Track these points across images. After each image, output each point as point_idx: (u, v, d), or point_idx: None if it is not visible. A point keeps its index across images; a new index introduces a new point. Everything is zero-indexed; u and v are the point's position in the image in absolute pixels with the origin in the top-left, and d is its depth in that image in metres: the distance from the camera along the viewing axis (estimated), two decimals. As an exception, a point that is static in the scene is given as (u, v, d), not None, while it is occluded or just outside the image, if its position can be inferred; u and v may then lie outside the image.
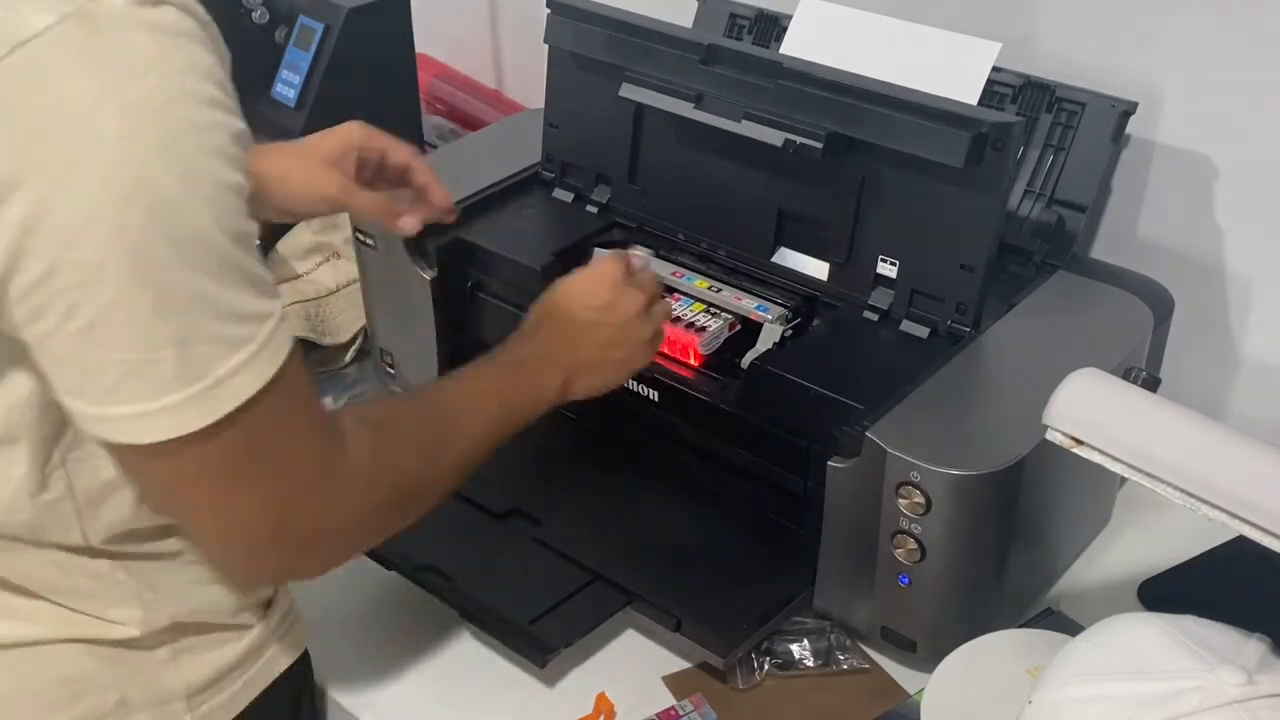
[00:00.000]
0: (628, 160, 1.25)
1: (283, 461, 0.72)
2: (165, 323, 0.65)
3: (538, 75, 1.29)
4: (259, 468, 0.71)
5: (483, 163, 1.34)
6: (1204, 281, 1.22)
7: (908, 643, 1.01)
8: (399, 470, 0.81)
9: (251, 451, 0.70)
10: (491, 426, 0.89)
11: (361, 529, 0.81)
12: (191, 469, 0.70)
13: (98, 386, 0.66)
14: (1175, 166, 1.21)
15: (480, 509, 1.13)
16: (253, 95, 1.47)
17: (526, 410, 0.93)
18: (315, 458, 0.74)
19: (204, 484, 0.71)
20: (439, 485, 0.86)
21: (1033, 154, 1.19)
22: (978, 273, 1.05)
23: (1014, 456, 0.92)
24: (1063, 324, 1.09)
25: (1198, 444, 0.80)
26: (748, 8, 1.35)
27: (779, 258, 1.17)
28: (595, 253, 1.23)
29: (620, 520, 1.13)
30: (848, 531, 0.99)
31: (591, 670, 1.04)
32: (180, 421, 0.67)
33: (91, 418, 0.68)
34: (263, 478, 0.72)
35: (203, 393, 0.67)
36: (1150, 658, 0.78)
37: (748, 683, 1.02)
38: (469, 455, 0.88)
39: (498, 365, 0.94)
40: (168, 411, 0.67)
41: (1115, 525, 1.17)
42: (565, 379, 0.95)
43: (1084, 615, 1.04)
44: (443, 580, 1.05)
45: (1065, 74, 1.19)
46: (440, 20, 1.75)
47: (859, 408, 0.98)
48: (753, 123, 1.10)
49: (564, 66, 1.27)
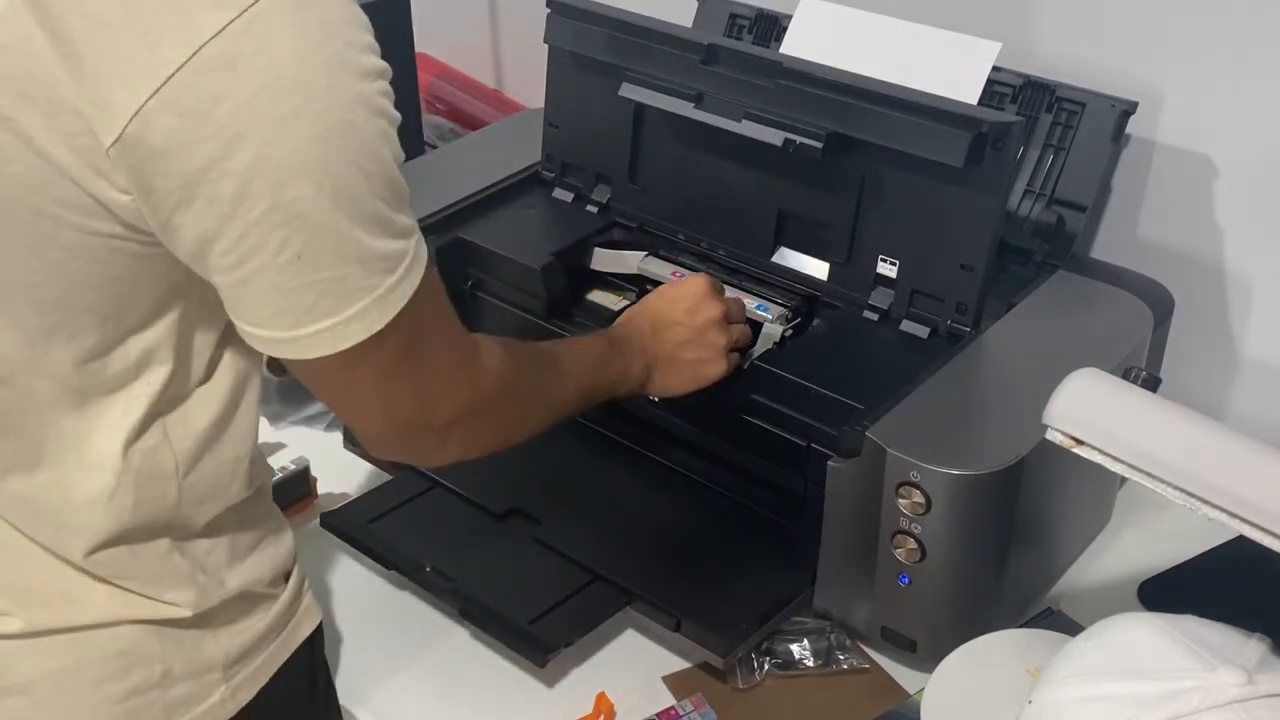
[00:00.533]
0: (628, 160, 1.25)
1: (433, 355, 0.82)
2: (355, 242, 0.73)
3: (538, 75, 1.30)
4: (415, 364, 0.81)
5: (483, 163, 1.35)
6: (1204, 281, 1.22)
7: (908, 643, 1.01)
8: (523, 381, 0.92)
9: (411, 348, 0.80)
10: (588, 388, 1.00)
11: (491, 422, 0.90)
12: (363, 369, 0.79)
13: (297, 308, 0.74)
14: (1175, 166, 1.21)
15: (480, 509, 1.13)
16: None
17: (615, 386, 1.02)
18: (458, 353, 0.85)
19: (370, 380, 0.80)
20: (547, 413, 0.96)
21: (1033, 154, 1.19)
22: (978, 273, 1.05)
23: (1014, 456, 0.92)
24: (1063, 324, 1.09)
25: (1198, 444, 0.80)
26: (748, 8, 1.35)
27: (779, 258, 1.17)
28: (596, 253, 1.23)
29: (620, 520, 1.13)
30: (848, 532, 0.99)
31: (591, 670, 1.04)
32: (366, 325, 0.76)
33: (282, 341, 0.76)
34: (418, 371, 0.82)
35: (382, 297, 0.75)
36: (1150, 658, 0.78)
37: (748, 683, 1.02)
38: (569, 402, 0.98)
39: (597, 337, 1.04)
40: (356, 319, 0.75)
41: (1115, 525, 1.17)
42: (647, 366, 1.04)
43: (1084, 615, 1.04)
44: (443, 580, 1.06)
45: (1065, 74, 1.19)
46: (440, 20, 1.74)
47: (859, 408, 0.98)
48: (753, 122, 1.10)
49: (564, 66, 1.27)
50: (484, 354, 0.88)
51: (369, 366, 0.79)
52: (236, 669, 0.90)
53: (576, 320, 1.20)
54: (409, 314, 0.77)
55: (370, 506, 1.14)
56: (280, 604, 0.93)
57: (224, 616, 0.90)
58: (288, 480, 1.17)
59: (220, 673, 0.89)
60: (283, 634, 0.94)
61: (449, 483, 1.15)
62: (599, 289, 1.23)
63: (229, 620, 0.90)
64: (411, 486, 1.16)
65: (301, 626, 0.95)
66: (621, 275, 1.23)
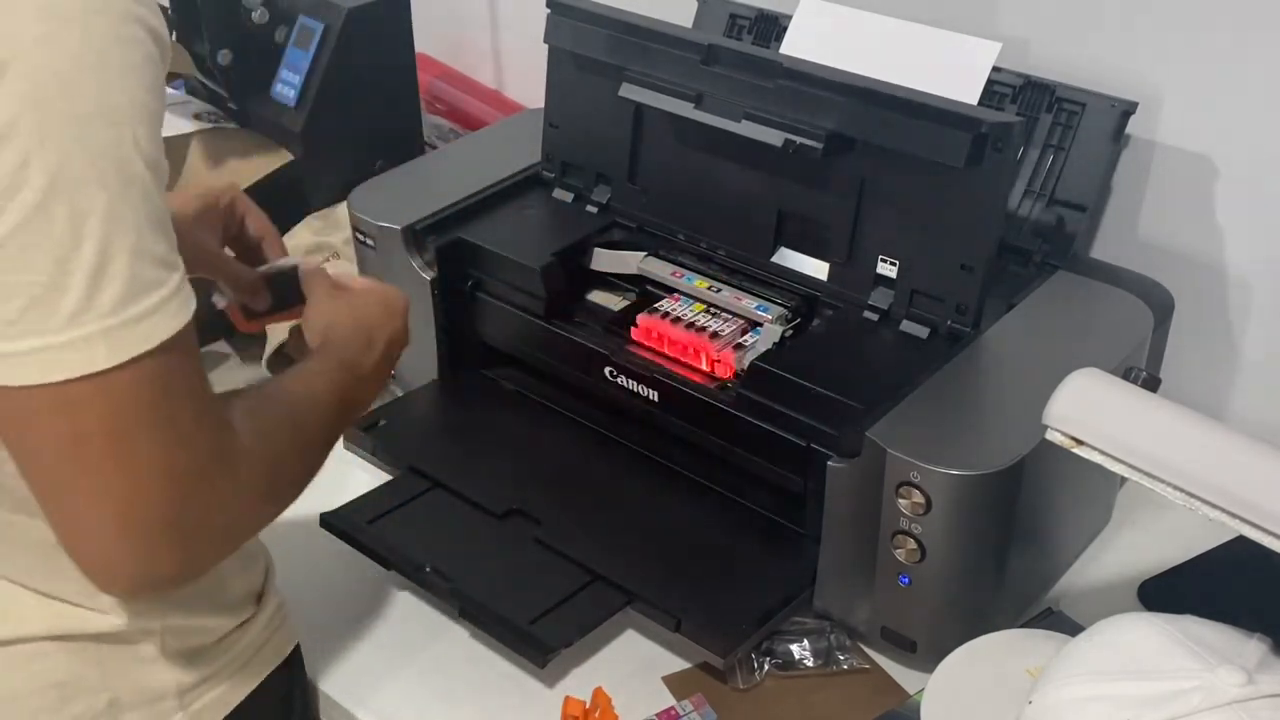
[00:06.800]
0: (628, 160, 1.25)
1: (187, 427, 0.67)
2: (79, 245, 0.62)
3: (538, 75, 1.29)
4: (159, 434, 0.66)
5: (483, 163, 1.34)
6: (1204, 281, 1.22)
7: (908, 643, 1.01)
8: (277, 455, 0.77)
9: (155, 410, 0.65)
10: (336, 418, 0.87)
11: (248, 517, 0.76)
12: (90, 421, 0.64)
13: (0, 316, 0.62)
14: (1175, 166, 1.21)
15: (480, 509, 1.13)
16: (253, 95, 1.47)
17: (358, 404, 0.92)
18: (216, 430, 0.70)
19: (101, 442, 0.64)
20: (306, 474, 0.83)
21: (1033, 154, 1.19)
22: (978, 273, 1.05)
23: (1014, 456, 0.92)
24: (1063, 324, 1.09)
25: (1198, 444, 0.80)
26: (748, 8, 1.35)
27: (779, 258, 1.17)
28: (596, 253, 1.23)
29: (620, 520, 1.13)
30: (848, 532, 0.99)
31: (591, 670, 1.04)
32: (87, 358, 0.62)
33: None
34: (164, 444, 0.66)
35: (115, 329, 0.63)
36: (1150, 658, 0.78)
37: (748, 683, 1.02)
38: (324, 446, 0.85)
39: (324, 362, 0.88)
40: (74, 346, 0.62)
41: (1115, 525, 1.17)
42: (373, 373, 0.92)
43: (1084, 615, 1.04)
44: (443, 580, 1.06)
45: (1065, 74, 1.19)
46: (440, 20, 1.74)
47: (859, 408, 0.98)
48: (753, 123, 1.09)
49: (564, 66, 1.27)
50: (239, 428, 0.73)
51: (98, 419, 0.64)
52: (194, 695, 0.87)
53: (577, 320, 1.20)
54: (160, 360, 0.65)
55: (370, 506, 1.14)
56: (249, 627, 0.89)
57: (175, 641, 0.85)
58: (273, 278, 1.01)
59: (175, 699, 0.86)
60: (252, 658, 0.90)
61: (449, 483, 1.16)
62: (599, 289, 1.23)
63: (181, 647, 0.85)
64: (411, 486, 1.16)
65: (275, 650, 0.92)
66: (621, 275, 1.23)
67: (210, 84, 1.52)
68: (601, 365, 1.14)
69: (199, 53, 1.47)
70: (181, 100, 1.55)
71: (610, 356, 1.14)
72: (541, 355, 1.22)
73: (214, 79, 1.48)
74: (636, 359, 1.13)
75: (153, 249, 0.65)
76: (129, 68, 0.63)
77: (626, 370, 1.13)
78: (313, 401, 0.83)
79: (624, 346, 1.15)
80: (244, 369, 1.40)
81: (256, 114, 1.48)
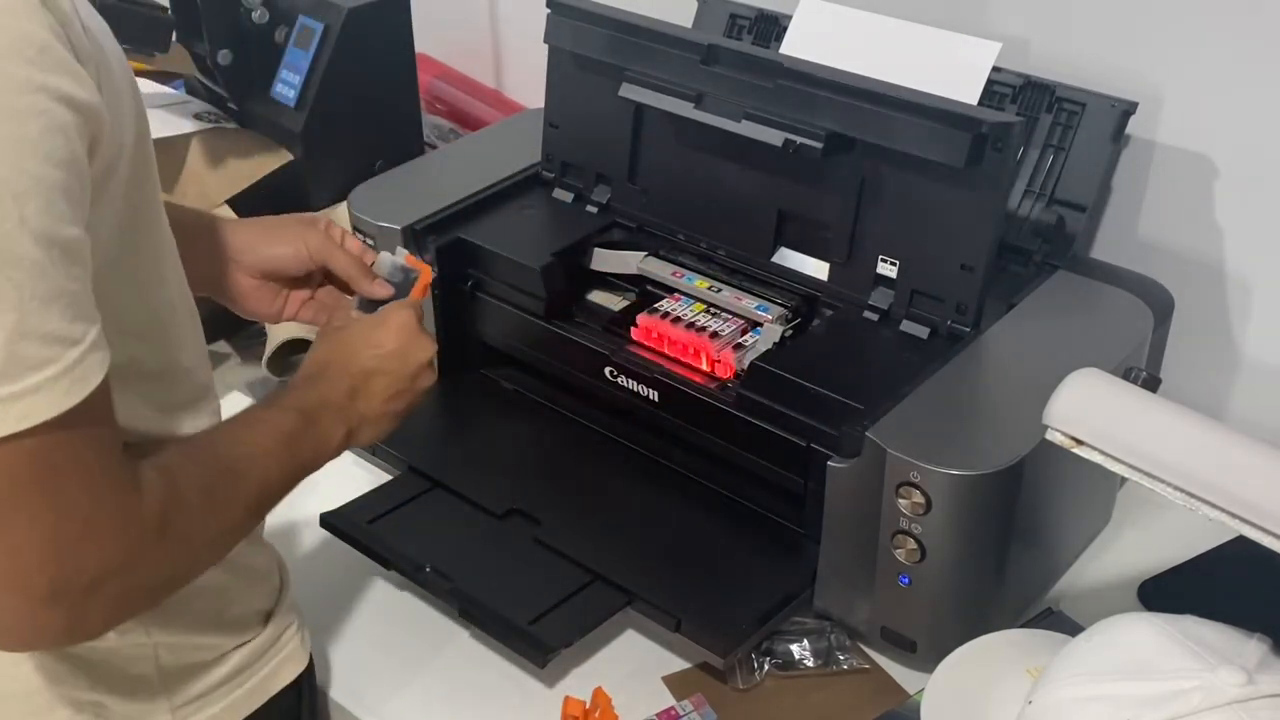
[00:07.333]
0: (628, 160, 1.25)
1: (71, 500, 0.66)
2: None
3: (538, 75, 1.29)
4: (43, 502, 0.65)
5: (483, 163, 1.34)
6: (1204, 281, 1.22)
7: (908, 643, 1.01)
8: (190, 520, 0.75)
9: (36, 484, 0.65)
10: (280, 476, 0.83)
11: (148, 582, 0.74)
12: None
13: None
14: (1175, 166, 1.21)
15: (480, 509, 1.13)
16: (252, 95, 1.47)
17: (313, 461, 0.87)
18: (107, 500, 0.68)
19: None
20: (228, 536, 0.80)
21: (1033, 154, 1.18)
22: (978, 273, 1.05)
23: (1014, 456, 0.92)
24: (1063, 324, 1.09)
25: (1198, 444, 0.80)
26: (748, 8, 1.35)
27: (779, 258, 1.17)
28: (596, 253, 1.23)
29: (620, 520, 1.13)
30: (848, 532, 0.99)
31: (591, 670, 1.04)
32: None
33: None
34: (46, 515, 0.65)
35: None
36: (1150, 658, 0.78)
37: (748, 683, 1.02)
38: (258, 506, 0.82)
39: (285, 412, 0.86)
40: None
41: (1115, 525, 1.17)
42: (350, 430, 0.90)
43: (1084, 615, 1.04)
44: (443, 580, 1.05)
45: (1065, 74, 1.19)
46: (440, 20, 1.74)
47: (859, 408, 0.98)
48: (753, 123, 1.09)
49: (564, 66, 1.27)
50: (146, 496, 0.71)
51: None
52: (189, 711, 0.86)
53: (576, 320, 1.20)
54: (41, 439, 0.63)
55: (370, 506, 1.14)
56: (253, 647, 0.88)
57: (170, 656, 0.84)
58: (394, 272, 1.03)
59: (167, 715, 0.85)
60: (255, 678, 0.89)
61: (449, 483, 1.16)
62: (599, 289, 1.23)
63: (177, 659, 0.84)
64: (411, 486, 1.16)
65: (282, 671, 0.91)
66: (621, 275, 1.23)
67: (210, 84, 1.52)
68: (601, 365, 1.14)
69: (199, 53, 1.47)
70: (181, 100, 1.55)
71: (610, 356, 1.14)
72: (541, 355, 1.22)
73: (214, 79, 1.48)
74: (636, 359, 1.13)
75: (40, 327, 0.63)
76: (19, 141, 0.61)
77: (626, 370, 1.13)
78: (251, 459, 0.80)
79: (624, 346, 1.15)
80: (244, 369, 1.40)
81: (256, 114, 1.48)
